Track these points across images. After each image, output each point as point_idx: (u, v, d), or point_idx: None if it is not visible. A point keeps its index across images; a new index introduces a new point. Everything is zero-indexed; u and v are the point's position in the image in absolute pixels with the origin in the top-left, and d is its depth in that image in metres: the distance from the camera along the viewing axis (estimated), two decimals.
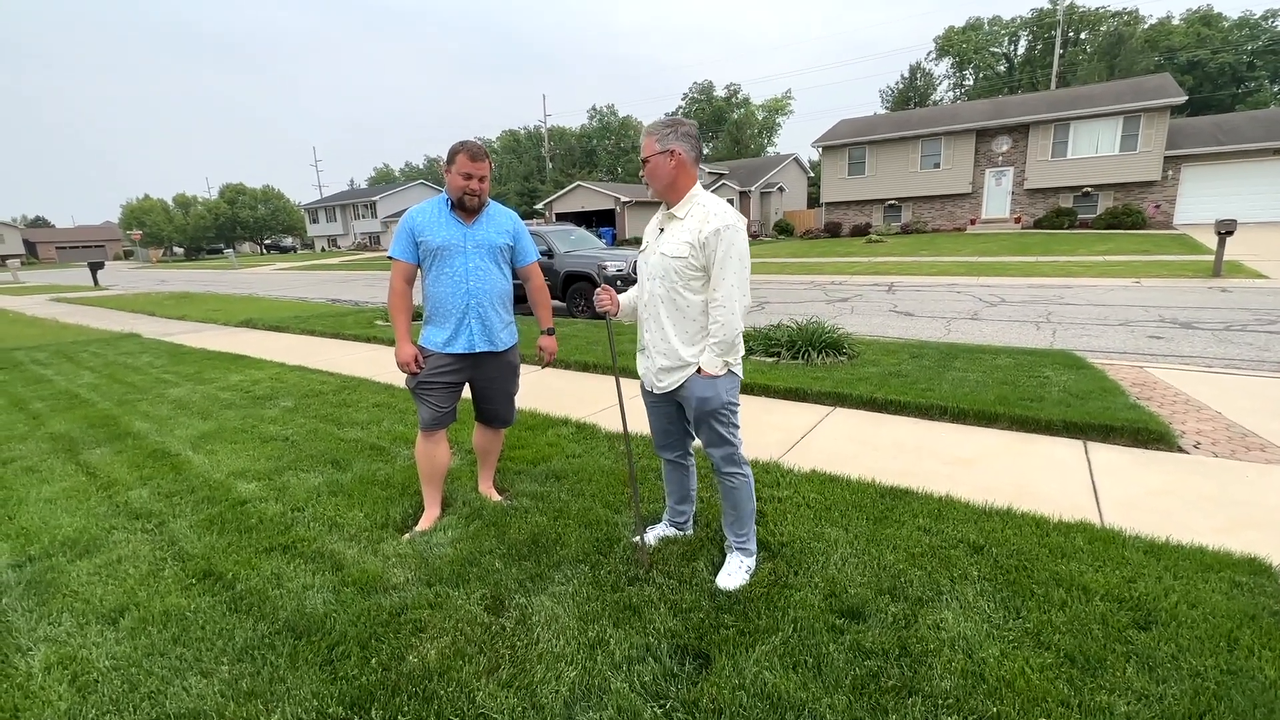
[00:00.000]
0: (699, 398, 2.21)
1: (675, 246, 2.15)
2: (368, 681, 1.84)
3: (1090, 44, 45.76)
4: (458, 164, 2.55)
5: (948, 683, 1.78)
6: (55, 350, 8.54)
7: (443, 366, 2.68)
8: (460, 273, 2.64)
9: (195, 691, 1.83)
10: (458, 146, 2.58)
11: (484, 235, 2.69)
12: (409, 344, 2.66)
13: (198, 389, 5.73)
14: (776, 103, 57.72)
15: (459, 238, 2.63)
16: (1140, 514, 2.77)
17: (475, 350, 2.70)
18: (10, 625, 2.19)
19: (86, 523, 2.97)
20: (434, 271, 2.65)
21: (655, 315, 2.26)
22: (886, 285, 12.54)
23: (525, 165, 61.69)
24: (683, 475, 2.56)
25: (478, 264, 2.67)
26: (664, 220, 2.26)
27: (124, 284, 24.72)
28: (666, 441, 2.49)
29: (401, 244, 2.64)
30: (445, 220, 2.64)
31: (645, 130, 2.21)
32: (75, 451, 4.06)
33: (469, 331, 2.68)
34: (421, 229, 2.62)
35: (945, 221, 26.57)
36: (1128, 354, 6.05)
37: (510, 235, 2.78)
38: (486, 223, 2.72)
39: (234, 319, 10.94)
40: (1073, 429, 3.77)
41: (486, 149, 2.62)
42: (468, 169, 2.56)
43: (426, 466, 2.80)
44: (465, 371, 2.75)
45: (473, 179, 2.57)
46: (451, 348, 2.68)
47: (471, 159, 2.56)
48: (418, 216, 2.65)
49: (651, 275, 2.25)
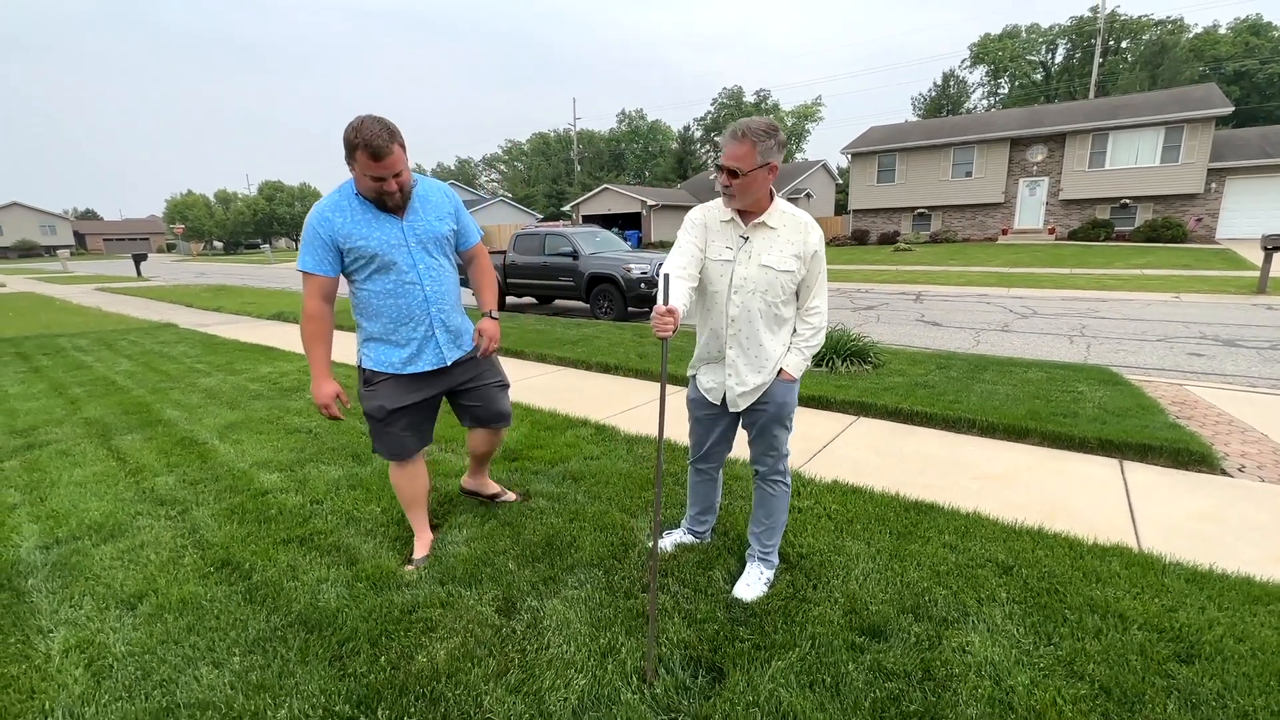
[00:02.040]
0: (779, 403, 2.17)
1: (783, 260, 2.03)
2: (376, 680, 1.82)
3: (1132, 53, 44.53)
4: (360, 164, 1.97)
5: (973, 710, 1.70)
6: (96, 338, 8.81)
7: (409, 387, 2.28)
8: (412, 278, 2.17)
9: (205, 682, 1.83)
10: (353, 138, 1.93)
11: (425, 227, 2.19)
12: (329, 379, 2.17)
13: (228, 379, 5.84)
14: (806, 109, 57.24)
15: (398, 236, 2.13)
16: (1181, 539, 2.63)
17: (448, 363, 2.32)
18: (34, 607, 2.23)
19: (113, 508, 3.03)
20: (375, 281, 2.15)
21: (753, 333, 2.09)
22: (914, 294, 12.30)
23: (554, 168, 62.19)
24: (711, 488, 2.52)
25: (428, 263, 2.21)
26: (747, 230, 2.05)
27: (165, 276, 25.48)
28: (712, 454, 2.41)
29: (316, 254, 2.07)
30: (372, 217, 2.09)
31: (738, 135, 1.91)
32: (108, 437, 4.16)
33: (434, 344, 2.28)
34: (346, 233, 2.06)
35: (976, 231, 26.04)
36: (1166, 371, 5.82)
37: (452, 218, 2.30)
38: (424, 210, 2.20)
39: (266, 312, 11.18)
40: (1108, 447, 3.62)
41: (391, 130, 1.96)
42: (374, 170, 1.97)
43: (409, 492, 2.46)
44: (439, 384, 2.37)
45: (385, 179, 2.01)
46: (416, 366, 2.26)
47: (375, 158, 1.94)
48: (335, 217, 2.06)
49: (750, 289, 2.05)
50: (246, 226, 67.50)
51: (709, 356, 2.22)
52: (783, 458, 2.28)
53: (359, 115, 1.94)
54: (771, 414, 2.19)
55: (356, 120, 1.94)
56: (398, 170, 2.01)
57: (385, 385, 2.25)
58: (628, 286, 9.58)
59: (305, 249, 2.09)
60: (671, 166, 53.38)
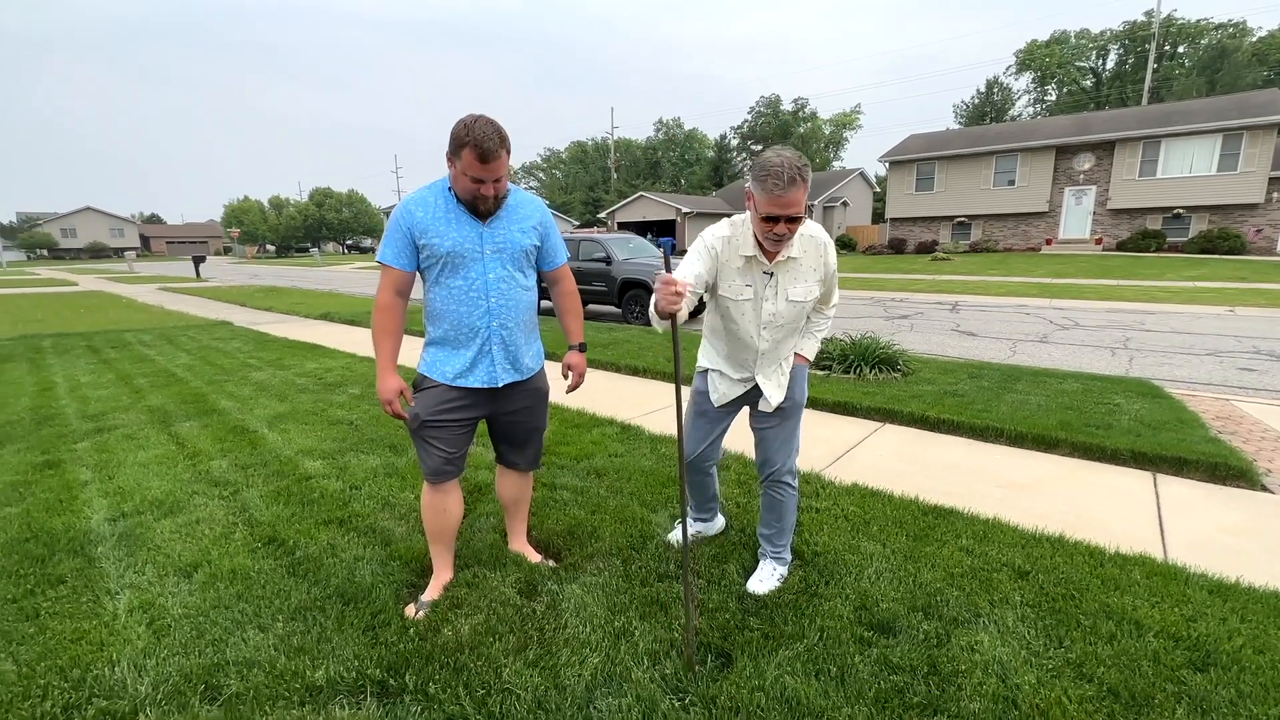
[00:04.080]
0: (803, 389, 2.29)
1: (808, 289, 2.08)
2: (405, 649, 1.95)
3: (1189, 57, 42.73)
4: (464, 162, 1.89)
5: (977, 705, 1.73)
6: (159, 334, 9.37)
7: (452, 402, 2.11)
8: (478, 286, 2.04)
9: (252, 643, 1.99)
10: (463, 135, 1.87)
11: (506, 237, 2.07)
12: (394, 375, 2.06)
13: (277, 374, 6.17)
14: (845, 117, 56.62)
15: (474, 241, 2.02)
16: (1209, 553, 2.58)
17: (498, 384, 2.14)
18: (103, 571, 2.45)
19: (173, 487, 3.27)
20: (443, 283, 2.05)
21: (775, 356, 2.18)
22: (950, 304, 12.07)
23: (591, 175, 62.92)
24: (711, 481, 2.55)
25: (500, 274, 2.07)
26: (771, 265, 2.01)
27: (222, 277, 26.76)
28: (713, 452, 2.44)
29: (395, 246, 2.02)
30: (454, 217, 2.01)
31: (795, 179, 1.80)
32: (168, 423, 4.46)
33: (489, 360, 2.11)
34: (424, 228, 2.00)
35: (1018, 241, 25.33)
36: (1213, 385, 5.61)
37: (537, 233, 2.16)
38: (508, 220, 2.08)
39: (314, 312, 11.69)
40: (1142, 459, 3.54)
41: (502, 135, 1.90)
42: (478, 172, 1.90)
43: (436, 524, 2.25)
44: (482, 407, 2.18)
45: (485, 183, 1.94)
46: (466, 381, 2.10)
47: (482, 160, 1.88)
48: (417, 211, 2.00)
49: (779, 324, 2.09)
50: (297, 231, 70.27)
51: (730, 373, 2.25)
52: (795, 454, 2.33)
53: (471, 114, 1.92)
54: (797, 399, 2.28)
55: (469, 118, 1.89)
56: (499, 176, 1.95)
57: (429, 393, 2.12)
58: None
59: (386, 240, 2.04)
60: (707, 174, 53.46)
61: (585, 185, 61.19)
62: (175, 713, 1.72)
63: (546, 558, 2.55)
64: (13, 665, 1.91)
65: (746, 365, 2.20)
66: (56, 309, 13.83)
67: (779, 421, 2.27)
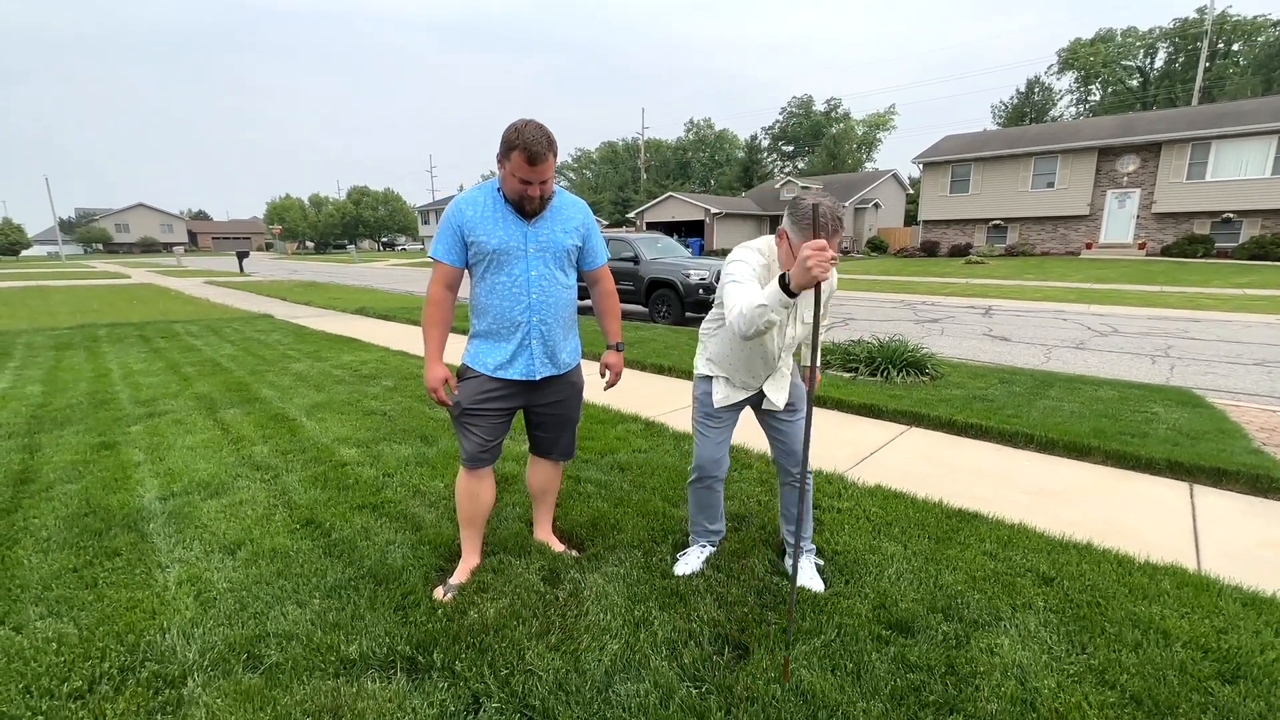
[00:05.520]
0: (802, 387, 2.36)
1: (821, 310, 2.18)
2: (433, 628, 2.03)
3: (1245, 55, 40.90)
4: (513, 164, 1.99)
5: (994, 706, 1.73)
6: (205, 325, 9.78)
7: (492, 392, 2.22)
8: (521, 282, 2.15)
9: (291, 618, 2.10)
10: (513, 138, 1.97)
11: (549, 236, 2.17)
12: (440, 364, 2.19)
13: (315, 365, 6.40)
14: (879, 118, 55.75)
15: (519, 239, 2.13)
16: (1245, 565, 2.52)
17: (535, 377, 2.24)
18: (154, 546, 2.60)
19: (218, 469, 3.44)
20: (488, 279, 2.16)
21: (784, 370, 2.32)
22: (983, 308, 11.83)
23: (620, 175, 63.20)
24: (719, 496, 2.51)
25: (541, 271, 2.17)
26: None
27: (263, 272, 27.68)
28: (725, 460, 2.43)
29: (446, 242, 2.14)
30: (501, 216, 2.12)
31: (839, 221, 1.94)
32: (214, 410, 4.67)
33: (528, 354, 2.22)
34: (472, 226, 2.11)
35: (1057, 245, 24.61)
36: (1260, 396, 5.40)
37: (579, 234, 2.25)
38: (552, 220, 2.18)
39: (350, 307, 12.05)
40: (1178, 469, 3.45)
41: (550, 139, 2.01)
42: (525, 174, 2.00)
43: (469, 508, 2.35)
44: (519, 398, 2.29)
45: (532, 184, 2.03)
46: (506, 372, 2.21)
47: (530, 162, 1.97)
48: (467, 210, 2.12)
49: (795, 347, 2.31)
50: (335, 228, 72.13)
51: (738, 382, 2.31)
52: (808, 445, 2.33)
53: (522, 118, 2.01)
54: (796, 404, 2.35)
55: (520, 122, 1.99)
56: (545, 178, 2.04)
57: (471, 383, 2.23)
58: (686, 292, 9.72)
59: (438, 236, 2.16)
60: (737, 175, 53.18)
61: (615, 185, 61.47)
62: (220, 678, 1.83)
63: (570, 548, 2.62)
64: (74, 629, 2.05)
65: (758, 378, 2.30)
66: (111, 300, 14.52)
67: (790, 417, 2.35)
